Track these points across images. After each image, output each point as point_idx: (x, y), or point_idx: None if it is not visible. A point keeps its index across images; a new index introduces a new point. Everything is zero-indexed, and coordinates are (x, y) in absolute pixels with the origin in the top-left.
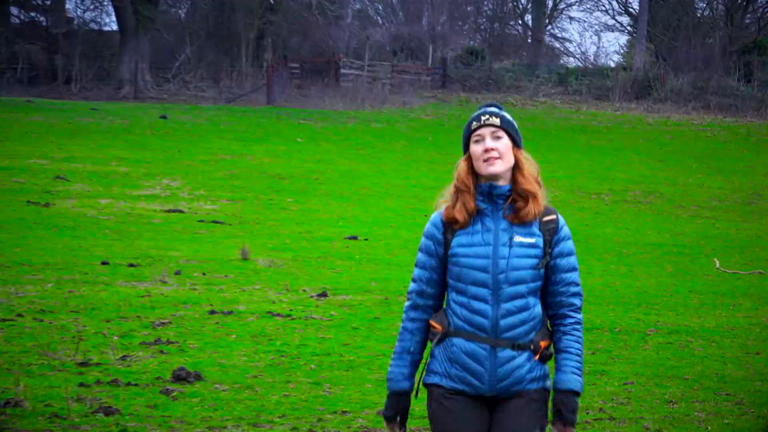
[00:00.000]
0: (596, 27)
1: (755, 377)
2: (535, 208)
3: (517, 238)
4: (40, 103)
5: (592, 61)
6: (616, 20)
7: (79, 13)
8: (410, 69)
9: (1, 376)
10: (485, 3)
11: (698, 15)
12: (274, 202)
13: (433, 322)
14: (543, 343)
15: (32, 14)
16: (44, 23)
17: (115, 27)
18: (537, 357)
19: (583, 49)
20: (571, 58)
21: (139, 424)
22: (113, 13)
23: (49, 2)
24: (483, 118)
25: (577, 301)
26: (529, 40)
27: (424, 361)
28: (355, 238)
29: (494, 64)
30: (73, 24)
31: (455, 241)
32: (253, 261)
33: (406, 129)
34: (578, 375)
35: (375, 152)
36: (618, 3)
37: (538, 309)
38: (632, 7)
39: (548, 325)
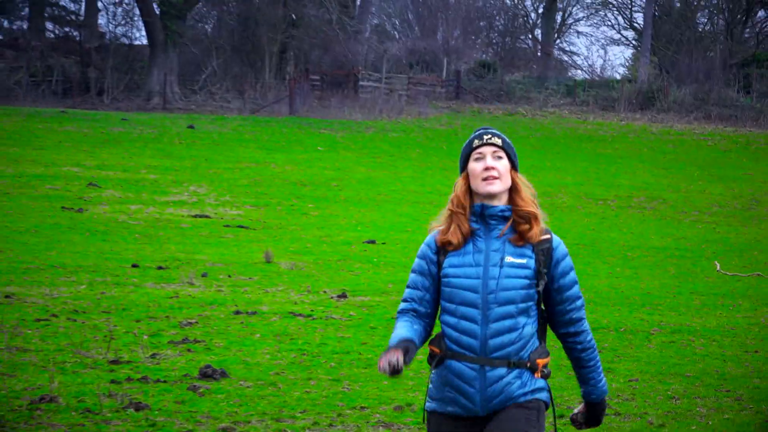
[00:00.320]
0: (602, 41)
1: (754, 374)
2: (538, 230)
3: (509, 259)
4: (74, 113)
5: (598, 73)
6: (621, 35)
7: (110, 28)
8: (425, 81)
9: (37, 373)
10: (497, 18)
11: (699, 30)
12: (295, 208)
13: (431, 347)
14: (540, 362)
15: (66, 29)
16: (78, 38)
17: (145, 41)
18: (538, 375)
19: (590, 62)
20: (579, 71)
21: (168, 418)
22: (143, 28)
23: (82, 18)
24: (485, 137)
25: (583, 312)
26: (539, 54)
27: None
28: (372, 242)
29: (505, 76)
30: (105, 38)
31: (447, 261)
32: (276, 264)
33: (422, 138)
34: (604, 381)
35: (392, 160)
36: (623, 18)
37: (529, 328)
38: (637, 22)
39: (544, 344)
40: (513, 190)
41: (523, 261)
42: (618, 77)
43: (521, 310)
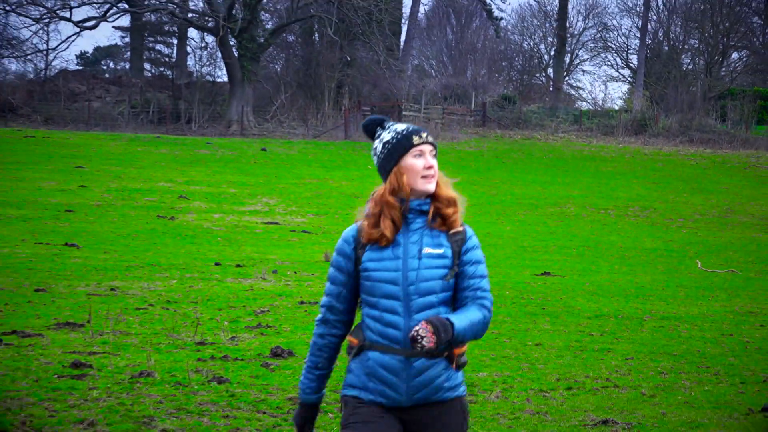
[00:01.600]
0: (603, 78)
1: (729, 354)
2: (460, 213)
3: (426, 250)
4: (167, 138)
5: (600, 105)
6: (619, 73)
7: (197, 68)
8: (457, 111)
9: (137, 352)
10: (516, 59)
11: (684, 68)
12: (350, 217)
13: (349, 337)
14: (457, 351)
15: (161, 69)
16: (170, 76)
17: (225, 79)
18: (453, 366)
19: (593, 96)
20: (584, 103)
21: (245, 390)
22: (224, 68)
23: (174, 60)
24: (423, 134)
25: (485, 302)
26: (551, 89)
27: (336, 373)
28: None
29: (523, 107)
30: (193, 76)
31: (366, 256)
32: None
33: (454, 158)
34: (466, 322)
35: None
36: (621, 59)
37: None
38: (632, 63)
39: None
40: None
41: (441, 251)
42: (616, 108)
43: (441, 300)
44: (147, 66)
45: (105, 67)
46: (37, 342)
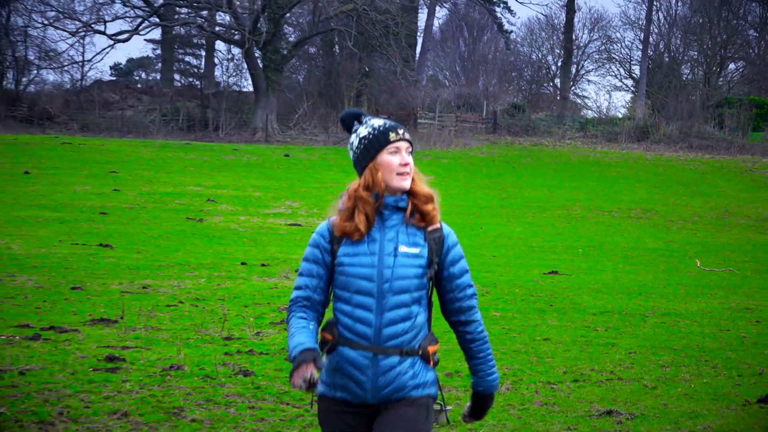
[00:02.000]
0: (608, 87)
1: (727, 348)
2: (437, 211)
3: (402, 248)
4: (196, 145)
5: (604, 113)
6: (623, 82)
7: (224, 78)
8: (469, 119)
9: (167, 347)
10: (525, 70)
11: (683, 79)
12: None
13: (324, 333)
14: (431, 349)
15: (190, 79)
16: (199, 86)
17: (251, 88)
18: (431, 364)
19: (598, 104)
20: (589, 111)
21: (269, 382)
22: (250, 78)
23: (202, 71)
24: (400, 131)
25: (474, 302)
26: (558, 98)
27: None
28: None
29: (532, 115)
30: (220, 86)
31: (341, 250)
32: None
33: (466, 164)
34: (495, 376)
35: (443, 181)
36: (624, 70)
37: (421, 317)
38: (634, 73)
39: (432, 332)
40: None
41: (417, 250)
42: (620, 116)
43: (415, 299)
44: (177, 76)
45: (137, 78)
46: (74, 337)
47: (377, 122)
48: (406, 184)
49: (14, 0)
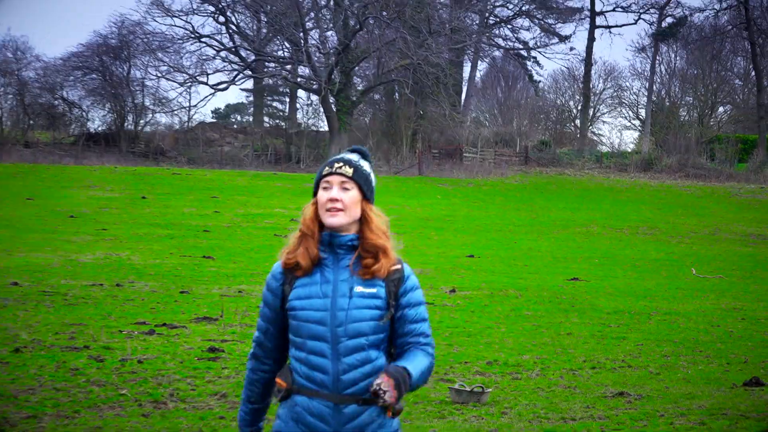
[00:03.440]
0: (619, 127)
1: (717, 341)
2: (387, 263)
3: (358, 289)
4: (282, 175)
5: (616, 148)
6: (631, 123)
7: (304, 120)
8: (505, 153)
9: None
10: (551, 112)
11: (681, 119)
12: (423, 235)
13: (278, 379)
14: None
15: (277, 121)
16: (284, 126)
17: (326, 128)
18: (389, 414)
19: (611, 141)
20: (604, 146)
21: None
22: (325, 120)
23: (287, 114)
24: (336, 165)
25: (428, 348)
26: (578, 135)
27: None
28: (472, 256)
29: (557, 149)
30: (301, 127)
31: (293, 293)
32: None
33: (503, 190)
34: (418, 371)
35: (483, 204)
36: (632, 112)
37: (381, 361)
38: (641, 115)
39: None
40: (363, 222)
41: (374, 290)
42: (629, 150)
43: (372, 342)
44: (266, 119)
45: (233, 120)
46: (182, 332)
47: (332, 157)
48: (333, 220)
49: (133, 57)
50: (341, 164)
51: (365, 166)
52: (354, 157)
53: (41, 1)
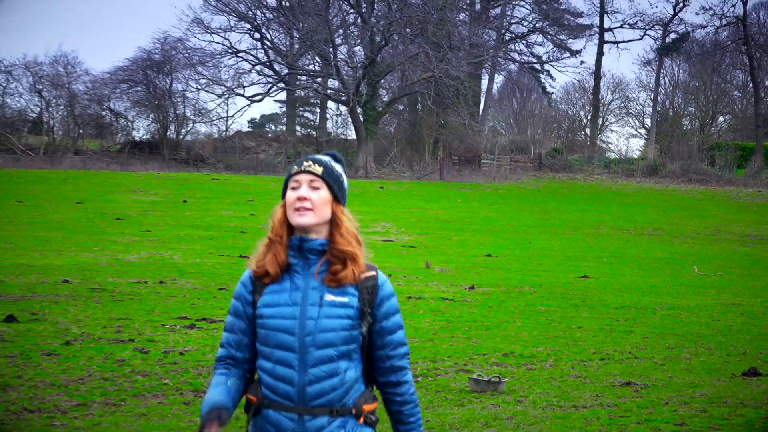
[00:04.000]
0: (626, 135)
1: (718, 334)
2: (355, 270)
3: (329, 297)
4: None
5: (624, 154)
6: (637, 131)
7: (334, 129)
8: (520, 160)
9: None
10: (563, 122)
11: (684, 128)
12: (444, 235)
13: (248, 395)
14: (367, 407)
15: (308, 130)
16: (315, 135)
17: (354, 137)
18: (361, 420)
19: (619, 148)
20: (612, 153)
21: None
22: (353, 129)
23: (317, 123)
24: (305, 163)
25: (406, 362)
26: (588, 143)
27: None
28: (489, 255)
29: (568, 156)
30: (331, 135)
31: (261, 301)
32: (432, 269)
33: (518, 194)
34: (419, 414)
35: (500, 207)
36: (638, 121)
37: (351, 373)
38: (647, 124)
39: (371, 388)
40: (333, 225)
41: (345, 299)
42: (635, 157)
43: (342, 353)
44: (298, 128)
45: (268, 129)
46: (220, 326)
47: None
48: (301, 220)
49: (175, 71)
50: (310, 163)
51: (337, 167)
52: (325, 158)
53: (90, 19)
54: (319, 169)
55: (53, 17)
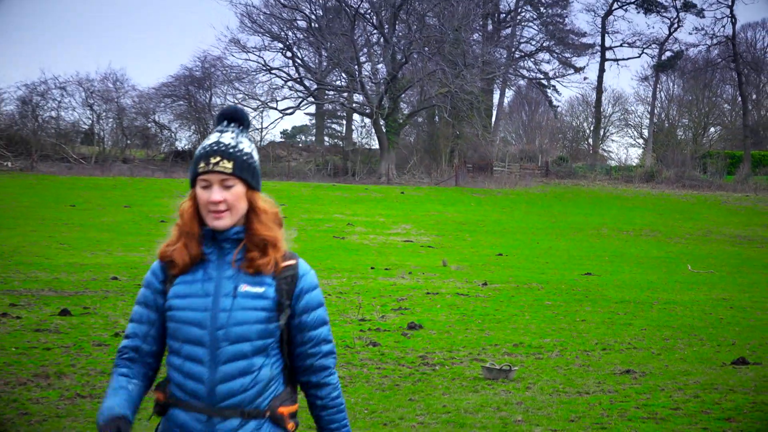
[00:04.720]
0: (626, 145)
1: (709, 326)
2: (276, 256)
3: (243, 287)
4: (339, 186)
5: (623, 162)
6: (636, 141)
7: (359, 139)
8: (529, 167)
9: None
10: (568, 132)
11: (678, 138)
12: (459, 236)
13: (157, 392)
14: (284, 410)
15: (335, 140)
16: (341, 145)
17: (377, 146)
18: (286, 428)
19: (619, 156)
20: (613, 161)
21: (391, 350)
22: (376, 139)
23: (343, 134)
24: (213, 161)
25: (330, 361)
26: (591, 152)
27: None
28: (501, 254)
29: (573, 164)
30: (356, 145)
31: (172, 291)
32: (449, 267)
33: (527, 198)
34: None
35: (510, 210)
36: (637, 132)
37: (266, 371)
38: (644, 135)
39: (290, 389)
40: (251, 212)
41: (261, 290)
42: (634, 164)
43: (257, 348)
44: (326, 138)
45: (299, 139)
46: None
47: (208, 140)
48: (218, 223)
49: (214, 86)
50: (218, 158)
51: (245, 145)
52: (230, 137)
53: (137, 39)
54: (229, 166)
55: (104, 38)
